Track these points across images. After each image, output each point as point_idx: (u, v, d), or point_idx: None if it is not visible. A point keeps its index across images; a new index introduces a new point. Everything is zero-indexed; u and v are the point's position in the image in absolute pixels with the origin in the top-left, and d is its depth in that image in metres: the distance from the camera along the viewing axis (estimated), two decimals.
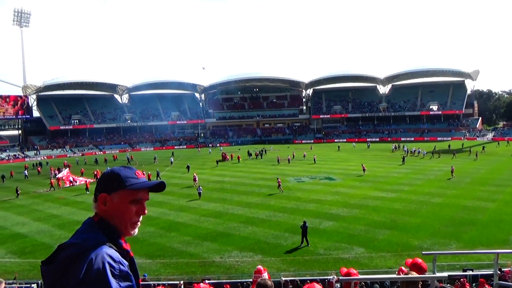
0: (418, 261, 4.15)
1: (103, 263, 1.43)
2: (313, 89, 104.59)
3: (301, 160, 52.15)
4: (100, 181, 1.69)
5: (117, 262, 1.48)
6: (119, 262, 1.49)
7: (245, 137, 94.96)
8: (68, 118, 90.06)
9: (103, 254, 1.46)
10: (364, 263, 16.40)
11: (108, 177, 1.67)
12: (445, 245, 17.90)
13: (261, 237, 20.57)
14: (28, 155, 75.37)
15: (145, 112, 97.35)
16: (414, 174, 37.64)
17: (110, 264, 1.44)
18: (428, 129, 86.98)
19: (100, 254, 1.45)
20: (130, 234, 1.71)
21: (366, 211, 24.37)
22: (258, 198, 29.68)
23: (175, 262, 17.73)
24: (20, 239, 22.04)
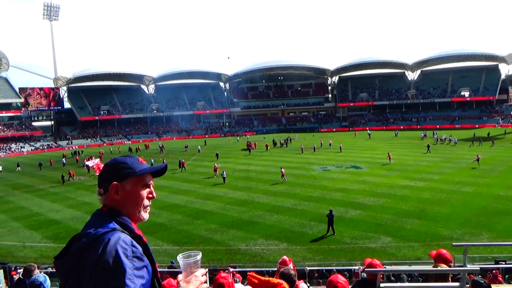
0: (443, 253, 4.04)
1: (116, 247, 1.45)
2: (339, 77, 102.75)
3: (327, 149, 51.63)
4: (106, 171, 1.70)
5: (129, 245, 1.50)
6: (131, 245, 1.51)
7: (270, 126, 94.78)
8: (97, 109, 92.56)
9: (115, 238, 1.48)
10: (392, 253, 16.16)
11: (116, 166, 1.69)
12: (477, 236, 17.37)
13: (286, 225, 20.60)
14: (61, 144, 78.18)
15: (171, 102, 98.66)
16: (444, 163, 36.56)
17: (122, 247, 1.46)
18: (459, 116, 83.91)
19: (112, 239, 1.47)
20: (143, 219, 1.73)
21: (393, 200, 23.93)
22: (283, 186, 29.67)
23: (201, 249, 17.69)
24: (55, 225, 23.00)
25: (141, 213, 1.71)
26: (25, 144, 75.87)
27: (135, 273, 1.45)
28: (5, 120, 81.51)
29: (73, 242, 1.54)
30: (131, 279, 1.42)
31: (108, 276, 1.40)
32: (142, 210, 1.71)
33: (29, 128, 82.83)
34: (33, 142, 78.56)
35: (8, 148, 72.17)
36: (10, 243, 20.39)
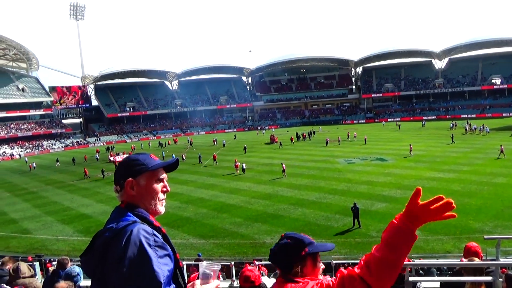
0: (471, 246, 3.94)
1: (139, 237, 1.50)
2: (363, 67, 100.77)
3: (352, 141, 50.93)
4: (121, 169, 1.77)
5: (151, 234, 1.55)
6: (153, 234, 1.56)
7: (293, 119, 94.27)
8: (124, 106, 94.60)
9: (137, 229, 1.53)
10: (420, 246, 15.83)
11: (129, 163, 1.76)
12: (509, 228, 16.78)
13: (311, 218, 20.53)
14: (90, 141, 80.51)
15: (195, 97, 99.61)
16: (474, 153, 35.39)
17: (145, 237, 1.52)
18: (490, 104, 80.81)
19: (134, 230, 1.52)
20: (160, 212, 1.79)
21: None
22: (308, 180, 29.52)
23: (227, 243, 18.25)
24: (86, 219, 23.78)
25: (157, 206, 1.77)
26: (56, 141, 78.57)
27: (159, 261, 1.50)
28: (36, 118, 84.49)
29: (97, 238, 1.60)
30: (159, 266, 1.48)
31: (136, 265, 1.46)
32: (158, 203, 1.78)
33: (59, 126, 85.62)
34: (63, 139, 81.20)
35: (40, 145, 74.93)
36: (44, 236, 21.25)
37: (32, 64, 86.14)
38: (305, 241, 1.86)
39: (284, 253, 1.86)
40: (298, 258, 1.82)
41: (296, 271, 1.81)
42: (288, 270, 1.83)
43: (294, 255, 1.82)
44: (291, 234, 1.92)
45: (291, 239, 1.88)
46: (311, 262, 1.84)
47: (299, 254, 1.82)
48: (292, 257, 1.83)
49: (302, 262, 1.82)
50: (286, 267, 1.84)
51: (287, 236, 1.91)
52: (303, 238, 1.88)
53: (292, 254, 1.83)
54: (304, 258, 1.82)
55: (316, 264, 1.87)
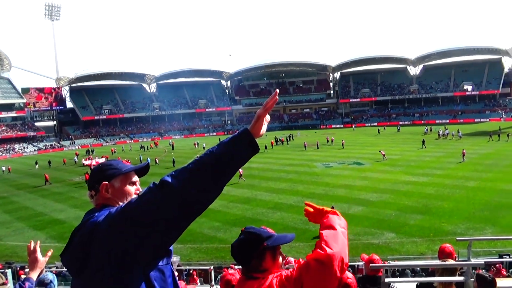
0: (444, 247, 4.05)
1: (119, 207, 1.54)
2: (341, 73, 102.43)
3: (329, 145, 51.58)
4: (95, 174, 1.82)
5: None
6: None
7: (272, 123, 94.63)
8: (100, 108, 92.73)
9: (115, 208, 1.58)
10: (395, 249, 16.16)
11: (103, 168, 1.82)
12: (480, 230, 17.35)
13: (289, 222, 20.63)
14: (64, 144, 78.40)
15: (173, 100, 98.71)
16: (447, 158, 36.45)
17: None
18: (462, 110, 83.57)
19: (113, 209, 1.57)
20: None
21: (396, 196, 23.91)
22: (286, 184, 29.68)
23: (205, 247, 18.11)
24: (59, 225, 23.11)
25: None
26: (28, 144, 76.15)
27: None
28: (8, 121, 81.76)
29: (75, 233, 1.60)
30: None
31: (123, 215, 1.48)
32: None
33: (32, 129, 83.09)
34: (36, 142, 78.82)
35: (12, 148, 72.47)
36: (15, 243, 20.53)
37: (3, 64, 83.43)
38: (263, 235, 1.84)
39: (242, 248, 1.85)
40: (256, 253, 1.80)
41: (256, 265, 1.80)
42: (247, 264, 1.83)
43: (252, 249, 1.81)
44: (250, 228, 1.91)
45: (250, 234, 1.87)
46: (270, 256, 1.83)
47: (258, 248, 1.81)
48: (251, 251, 1.81)
49: (261, 256, 1.80)
50: (245, 261, 1.84)
51: (246, 231, 1.90)
52: (261, 232, 1.87)
53: (251, 249, 1.82)
54: (263, 252, 1.81)
55: (276, 257, 1.86)
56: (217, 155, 1.46)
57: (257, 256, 1.81)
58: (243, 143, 1.50)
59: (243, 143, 1.50)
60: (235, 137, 1.51)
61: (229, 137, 1.52)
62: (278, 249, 1.89)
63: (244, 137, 1.52)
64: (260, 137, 1.61)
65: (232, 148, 1.48)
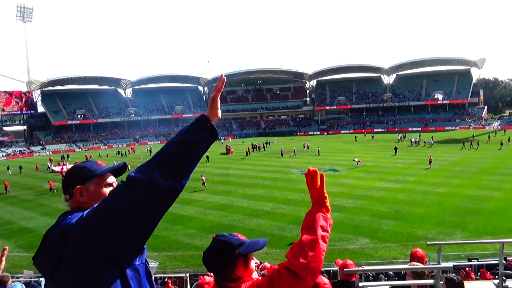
0: (416, 251, 4.17)
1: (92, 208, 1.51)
2: (317, 80, 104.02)
3: (306, 152, 52.10)
4: (69, 177, 1.77)
5: None
6: None
7: (249, 129, 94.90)
8: (73, 113, 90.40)
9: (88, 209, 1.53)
10: (369, 254, 16.42)
11: (77, 171, 1.78)
12: (450, 235, 17.87)
13: (266, 229, 20.63)
14: (34, 150, 75.85)
15: (149, 106, 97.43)
16: (419, 164, 37.47)
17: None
18: (433, 118, 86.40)
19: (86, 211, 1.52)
20: None
21: (370, 202, 24.35)
22: (263, 190, 29.72)
23: (180, 255, 17.85)
24: (28, 234, 22.27)
25: None
26: None
27: None
28: None
29: (46, 238, 1.56)
30: None
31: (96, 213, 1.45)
32: None
33: (0, 133, 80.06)
34: (5, 147, 75.95)
35: None
36: None
37: None
38: (234, 242, 1.81)
39: (214, 256, 1.81)
40: (228, 260, 1.77)
41: (228, 273, 1.77)
42: (220, 273, 1.80)
43: (224, 257, 1.78)
44: (221, 236, 1.87)
45: (221, 242, 1.83)
46: (242, 263, 1.79)
47: (229, 256, 1.77)
48: (222, 259, 1.78)
49: (233, 264, 1.77)
50: (217, 270, 1.80)
51: (217, 239, 1.86)
52: (232, 239, 1.83)
53: (222, 257, 1.78)
54: (235, 260, 1.78)
55: (248, 265, 1.83)
56: (177, 143, 1.47)
57: (228, 264, 1.78)
58: (201, 128, 1.52)
59: (201, 128, 1.52)
60: (192, 124, 1.53)
61: (187, 124, 1.55)
62: (250, 256, 1.86)
63: (201, 122, 1.53)
64: (218, 119, 1.65)
65: (191, 134, 1.49)
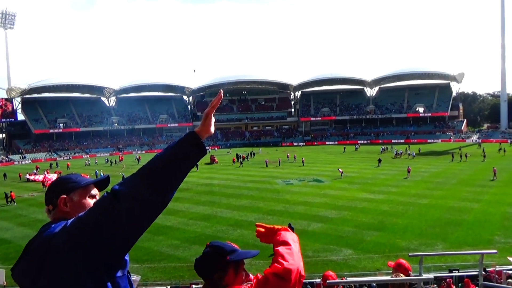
0: (403, 262, 4.17)
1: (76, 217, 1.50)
2: (301, 92, 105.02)
3: (291, 163, 52.27)
4: (53, 188, 1.77)
5: None
6: None
7: (234, 139, 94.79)
8: (54, 122, 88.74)
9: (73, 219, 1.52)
10: (353, 265, 16.44)
11: (62, 182, 1.80)
12: (432, 246, 18.07)
13: (250, 240, 20.43)
14: (13, 159, 73.94)
15: (133, 115, 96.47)
16: (401, 176, 37.99)
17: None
18: (415, 131, 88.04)
19: (70, 221, 1.51)
20: None
21: (354, 213, 24.49)
22: (247, 200, 29.60)
23: (162, 266, 17.53)
24: (4, 245, 21.54)
25: None
26: None
27: None
28: None
29: (28, 248, 1.53)
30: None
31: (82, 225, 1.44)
32: None
33: None
34: None
35: None
36: None
37: None
38: (226, 249, 1.86)
39: (206, 261, 1.85)
40: (219, 267, 1.81)
41: (217, 279, 1.81)
42: (210, 279, 1.83)
43: (215, 263, 1.82)
44: (214, 242, 1.92)
45: (214, 247, 1.88)
46: (232, 271, 1.83)
47: (221, 262, 1.82)
48: (213, 265, 1.82)
49: (224, 270, 1.81)
50: (208, 276, 1.84)
51: (210, 245, 1.91)
52: (225, 246, 1.88)
53: (213, 263, 1.83)
54: (226, 267, 1.82)
55: (238, 273, 1.87)
56: (164, 158, 1.46)
57: (220, 269, 1.82)
58: (189, 145, 1.51)
59: (189, 145, 1.51)
60: (181, 140, 1.53)
61: (175, 140, 1.55)
62: (241, 264, 1.90)
63: (190, 139, 1.53)
64: (210, 135, 1.64)
65: (179, 150, 1.49)
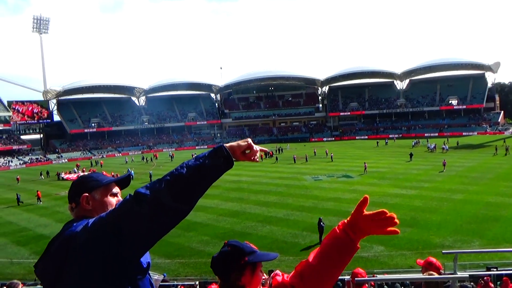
0: (433, 260, 4.04)
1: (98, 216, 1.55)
2: (329, 87, 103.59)
3: (319, 158, 51.78)
4: (75, 186, 1.82)
5: None
6: None
7: (262, 136, 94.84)
8: (87, 122, 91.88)
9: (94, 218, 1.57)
10: (384, 262, 16.14)
11: (83, 180, 1.83)
12: (468, 243, 17.46)
13: (278, 236, 20.49)
14: (50, 158, 77.18)
15: (162, 113, 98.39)
16: (434, 170, 36.86)
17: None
18: (448, 124, 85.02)
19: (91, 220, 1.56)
20: None
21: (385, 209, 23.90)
22: (276, 197, 29.60)
23: (193, 262, 17.84)
24: (43, 240, 22.53)
25: None
26: (13, 158, 74.75)
27: None
28: None
29: (50, 246, 1.60)
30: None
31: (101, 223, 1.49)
32: None
33: (17, 142, 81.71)
34: (22, 156, 77.46)
35: None
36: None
37: None
38: (245, 250, 1.83)
39: (223, 261, 1.83)
40: (236, 267, 1.79)
41: (234, 280, 1.79)
42: (226, 278, 1.81)
43: (232, 263, 1.80)
44: (233, 242, 1.90)
45: (232, 247, 1.85)
46: (250, 272, 1.81)
47: (238, 263, 1.79)
48: (231, 265, 1.80)
49: (241, 271, 1.79)
50: (224, 275, 1.82)
51: (229, 244, 1.88)
52: (244, 246, 1.85)
53: (231, 263, 1.80)
54: (243, 267, 1.79)
55: (255, 274, 1.84)
56: (191, 168, 1.49)
57: (236, 270, 1.79)
58: (217, 156, 1.54)
59: (217, 156, 1.54)
60: (210, 151, 1.56)
61: (205, 152, 1.57)
62: (258, 266, 1.87)
63: (219, 151, 1.56)
64: (238, 159, 1.67)
65: (206, 161, 1.51)
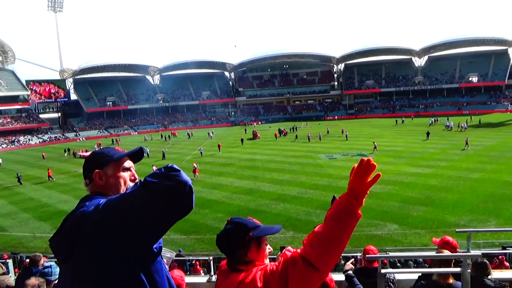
0: (449, 240, 4.02)
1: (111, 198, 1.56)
2: (345, 64, 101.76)
3: (333, 137, 51.46)
4: (88, 162, 1.81)
5: None
6: None
7: (276, 114, 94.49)
8: (103, 100, 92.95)
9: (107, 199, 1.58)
10: (398, 240, 16.17)
11: (95, 156, 1.83)
12: (484, 222, 17.29)
13: (292, 214, 20.67)
14: (68, 136, 78.78)
15: (176, 92, 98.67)
16: (451, 149, 36.25)
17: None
18: (467, 102, 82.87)
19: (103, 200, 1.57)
20: None
21: (400, 187, 23.85)
22: (290, 175, 29.69)
23: (208, 238, 18.21)
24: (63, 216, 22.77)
25: None
26: (33, 136, 76.58)
27: None
28: (12, 113, 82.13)
29: (66, 222, 1.62)
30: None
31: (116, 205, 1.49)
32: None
33: (36, 121, 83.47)
34: (41, 134, 79.26)
35: (17, 140, 72.93)
36: (21, 234, 20.75)
37: (8, 57, 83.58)
38: (248, 225, 1.83)
39: (228, 238, 1.84)
40: (241, 243, 1.80)
41: (240, 256, 1.81)
42: (232, 255, 1.83)
43: (237, 240, 1.81)
44: (236, 219, 1.91)
45: (235, 224, 1.86)
46: (255, 247, 1.82)
47: (243, 239, 1.80)
48: (236, 242, 1.81)
49: (246, 246, 1.80)
50: (230, 252, 1.84)
51: (232, 221, 1.89)
52: (247, 222, 1.86)
53: (236, 239, 1.81)
54: (248, 243, 1.80)
55: (261, 249, 1.85)
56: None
57: (242, 246, 1.81)
58: None
59: None
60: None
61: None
62: (263, 240, 1.87)
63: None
64: None
65: None
